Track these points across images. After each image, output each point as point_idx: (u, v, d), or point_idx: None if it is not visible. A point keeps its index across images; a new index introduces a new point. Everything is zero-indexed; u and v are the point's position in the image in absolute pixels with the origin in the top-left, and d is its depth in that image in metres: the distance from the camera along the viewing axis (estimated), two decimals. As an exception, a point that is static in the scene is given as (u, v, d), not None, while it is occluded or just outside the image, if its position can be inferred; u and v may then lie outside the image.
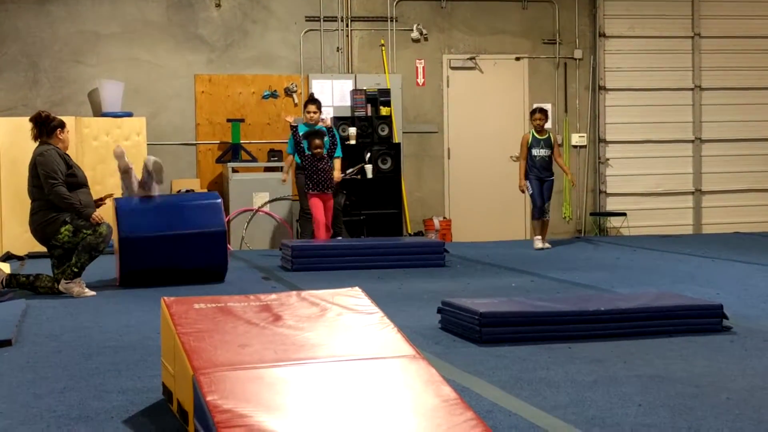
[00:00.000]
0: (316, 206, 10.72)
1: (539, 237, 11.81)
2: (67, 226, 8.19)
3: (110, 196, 8.95)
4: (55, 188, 8.14)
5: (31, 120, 8.44)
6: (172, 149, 13.06)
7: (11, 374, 5.20)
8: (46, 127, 8.35)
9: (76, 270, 8.21)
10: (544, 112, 11.90)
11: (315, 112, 11.59)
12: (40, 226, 8.29)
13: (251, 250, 12.06)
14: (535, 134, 11.76)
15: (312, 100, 11.85)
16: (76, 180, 8.31)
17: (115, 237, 8.61)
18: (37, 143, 8.39)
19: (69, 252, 8.24)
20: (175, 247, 8.65)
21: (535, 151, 11.74)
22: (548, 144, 11.75)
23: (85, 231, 8.16)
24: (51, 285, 8.29)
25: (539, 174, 11.78)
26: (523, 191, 12.01)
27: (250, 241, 12.26)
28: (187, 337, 4.11)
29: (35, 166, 8.24)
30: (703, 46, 14.42)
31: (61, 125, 8.40)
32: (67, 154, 8.44)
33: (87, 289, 8.24)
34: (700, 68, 14.41)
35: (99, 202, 8.65)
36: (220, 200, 9.11)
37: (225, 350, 4.03)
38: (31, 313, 7.23)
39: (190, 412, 3.88)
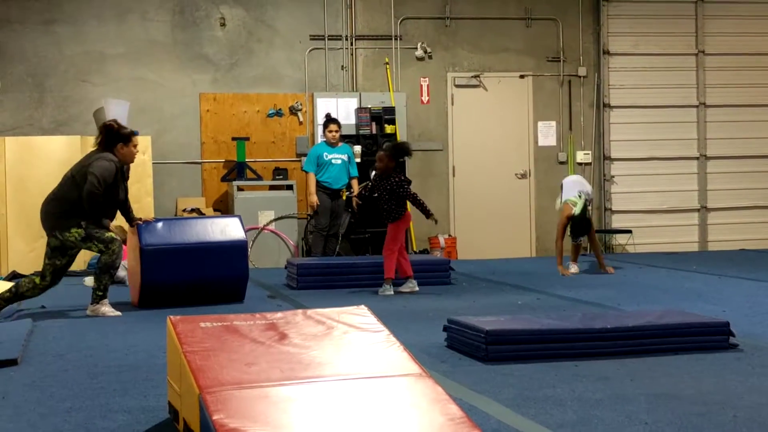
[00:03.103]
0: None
1: (574, 262, 11.31)
2: (79, 230, 8.09)
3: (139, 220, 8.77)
4: (92, 191, 8.00)
5: (100, 128, 8.45)
6: (178, 168, 13.09)
7: (17, 393, 5.20)
8: (109, 139, 8.29)
9: (100, 293, 8.18)
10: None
11: (337, 131, 11.76)
12: (52, 215, 8.18)
13: (257, 268, 12.05)
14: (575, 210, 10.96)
15: (333, 120, 12.01)
16: (111, 199, 8.22)
17: (137, 253, 8.60)
18: (97, 148, 8.34)
19: (63, 250, 8.16)
20: (196, 259, 8.67)
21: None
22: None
23: (96, 243, 8.11)
24: (32, 286, 8.17)
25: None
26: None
27: (256, 259, 12.26)
28: (193, 355, 4.11)
29: (88, 167, 8.11)
30: (707, 63, 14.44)
31: (124, 140, 8.31)
32: (124, 172, 8.37)
33: (112, 309, 8.23)
34: (704, 85, 14.42)
35: (135, 222, 8.62)
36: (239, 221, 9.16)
37: (231, 369, 4.03)
38: (38, 333, 7.24)
39: (197, 431, 3.88)
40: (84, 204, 8.09)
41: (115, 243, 8.17)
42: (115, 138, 8.32)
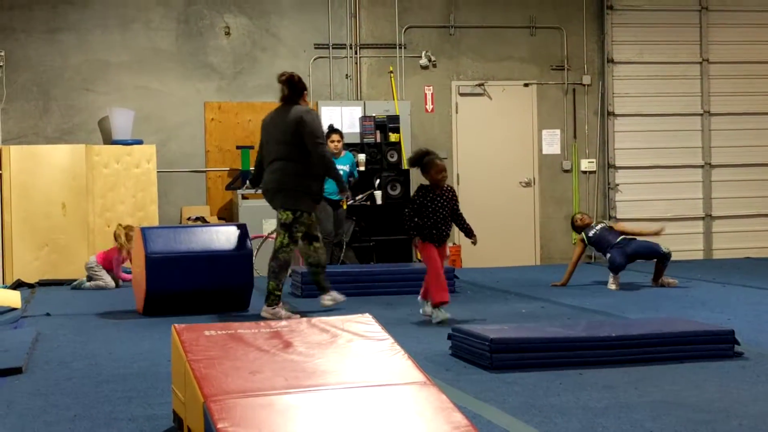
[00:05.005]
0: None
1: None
2: (289, 215, 8.22)
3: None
4: (321, 148, 8.22)
5: (284, 81, 8.51)
6: (182, 176, 13.10)
7: (22, 402, 5.20)
8: (296, 88, 8.46)
9: (278, 293, 8.25)
10: (582, 213, 11.26)
11: (339, 141, 11.73)
12: (287, 191, 8.26)
13: (261, 276, 12.04)
14: (585, 231, 10.72)
15: (335, 130, 11.98)
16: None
17: (142, 261, 8.62)
18: (282, 104, 8.51)
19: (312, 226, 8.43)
20: (201, 267, 8.67)
21: (591, 233, 10.66)
22: (599, 223, 10.90)
23: (286, 236, 8.20)
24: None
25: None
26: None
27: (260, 267, 12.25)
28: (197, 364, 4.11)
29: (296, 124, 8.23)
30: (711, 72, 14.44)
31: (306, 89, 8.61)
32: None
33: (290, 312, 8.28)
34: (708, 94, 14.42)
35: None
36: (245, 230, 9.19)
37: (236, 377, 4.03)
38: (42, 341, 7.24)
39: (201, 439, 3.88)
40: (322, 169, 8.27)
41: (294, 245, 8.30)
42: (300, 89, 8.49)
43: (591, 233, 10.64)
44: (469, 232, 8.30)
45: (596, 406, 4.87)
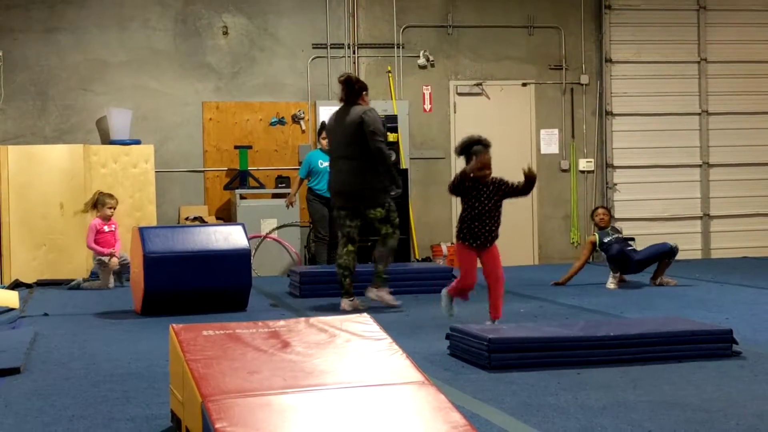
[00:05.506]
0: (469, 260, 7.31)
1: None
2: (382, 210, 8.57)
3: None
4: (380, 144, 8.50)
5: (342, 83, 8.75)
6: (180, 176, 13.10)
7: (20, 402, 5.20)
8: (354, 89, 8.67)
9: (385, 276, 8.66)
10: (606, 208, 11.31)
11: None
12: (366, 191, 8.55)
13: (259, 276, 12.05)
14: (600, 235, 10.65)
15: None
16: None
17: (140, 260, 8.63)
18: (342, 105, 8.76)
19: (364, 227, 8.72)
20: (199, 267, 8.67)
21: (606, 239, 10.57)
22: (615, 230, 10.85)
23: (388, 226, 8.58)
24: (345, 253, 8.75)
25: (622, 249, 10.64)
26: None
27: (258, 267, 12.25)
28: (195, 364, 4.11)
29: (357, 124, 8.51)
30: (709, 71, 14.44)
31: (366, 88, 8.80)
32: None
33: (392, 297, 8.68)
34: (706, 93, 14.42)
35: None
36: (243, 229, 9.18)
37: (234, 377, 4.03)
38: (40, 341, 7.24)
39: (199, 439, 3.87)
40: (379, 163, 8.52)
41: (398, 230, 8.69)
42: (358, 89, 8.71)
43: (606, 240, 10.59)
44: (527, 181, 7.72)
45: (594, 405, 4.87)
